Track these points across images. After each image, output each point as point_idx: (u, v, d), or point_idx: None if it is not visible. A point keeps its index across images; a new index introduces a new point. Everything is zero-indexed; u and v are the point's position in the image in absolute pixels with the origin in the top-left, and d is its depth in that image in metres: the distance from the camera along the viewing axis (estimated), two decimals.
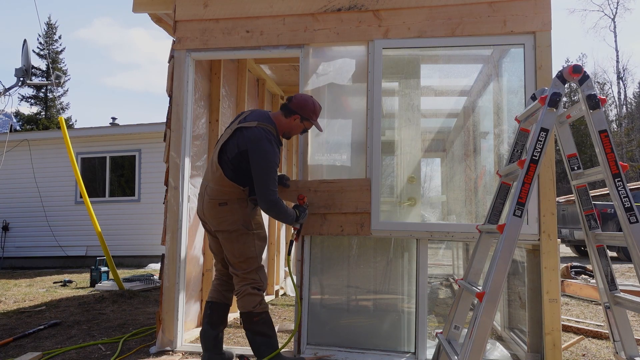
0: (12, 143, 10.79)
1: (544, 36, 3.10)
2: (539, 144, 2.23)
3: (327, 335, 3.34)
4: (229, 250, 2.89)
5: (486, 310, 2.03)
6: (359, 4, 3.34)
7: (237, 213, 2.86)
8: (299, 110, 2.94)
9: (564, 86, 2.32)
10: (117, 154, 10.96)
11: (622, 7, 51.15)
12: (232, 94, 4.72)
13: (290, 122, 2.97)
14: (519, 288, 3.46)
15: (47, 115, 30.88)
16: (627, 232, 2.11)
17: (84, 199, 6.39)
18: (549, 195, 3.02)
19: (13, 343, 3.69)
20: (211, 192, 2.89)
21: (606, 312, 2.43)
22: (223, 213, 2.85)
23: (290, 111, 2.95)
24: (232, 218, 2.85)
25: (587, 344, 3.65)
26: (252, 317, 2.85)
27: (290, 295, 5.99)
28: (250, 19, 3.49)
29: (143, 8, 3.79)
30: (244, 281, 2.88)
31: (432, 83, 4.24)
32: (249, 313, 2.86)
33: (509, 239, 2.12)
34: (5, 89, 7.22)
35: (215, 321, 2.98)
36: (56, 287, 6.95)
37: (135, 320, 4.47)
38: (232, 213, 2.85)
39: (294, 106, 2.94)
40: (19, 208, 11.10)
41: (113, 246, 8.25)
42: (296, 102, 2.95)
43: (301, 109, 2.94)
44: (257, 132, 2.81)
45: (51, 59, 31.30)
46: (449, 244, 6.88)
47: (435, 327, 4.00)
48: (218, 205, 2.85)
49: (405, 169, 3.65)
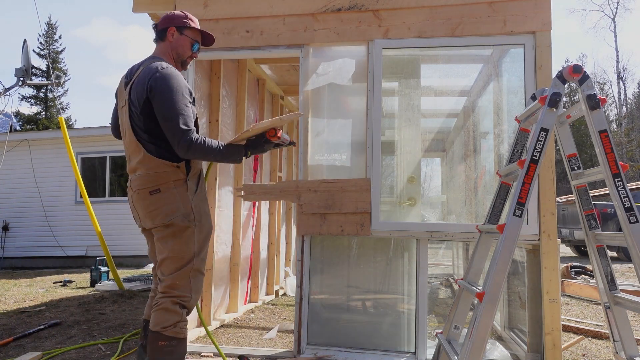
0: (12, 143, 10.79)
1: (544, 36, 3.11)
2: (539, 144, 2.23)
3: (327, 335, 3.34)
4: (160, 250, 2.28)
5: (486, 310, 2.03)
6: (359, 4, 3.34)
7: (174, 201, 2.24)
8: (169, 22, 2.43)
9: (564, 86, 2.32)
10: (117, 154, 10.95)
11: (622, 7, 51.12)
12: (232, 94, 4.72)
13: (171, 42, 2.44)
14: (519, 288, 3.46)
15: (47, 115, 30.89)
16: (627, 232, 2.11)
17: (84, 199, 6.39)
18: (549, 195, 3.02)
19: (13, 343, 3.69)
20: (138, 181, 2.27)
21: (606, 312, 2.43)
22: (156, 203, 2.23)
23: (161, 32, 2.44)
24: (167, 208, 2.23)
25: (587, 344, 3.65)
26: (158, 339, 2.16)
27: (290, 295, 6.00)
28: (250, 19, 3.49)
29: (143, 8, 3.79)
30: (167, 292, 2.23)
31: (432, 83, 4.25)
32: (156, 333, 2.17)
33: (509, 239, 2.12)
34: (5, 89, 7.22)
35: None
36: (56, 287, 6.95)
37: (135, 320, 4.47)
38: (167, 202, 2.23)
39: (162, 24, 2.44)
40: (19, 208, 11.10)
41: (113, 246, 8.24)
42: (162, 19, 2.46)
43: (170, 20, 2.44)
44: (151, 69, 2.24)
45: (51, 59, 31.31)
46: (449, 244, 6.89)
47: (435, 327, 4.00)
48: (149, 195, 2.24)
49: (405, 169, 3.66)
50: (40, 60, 30.70)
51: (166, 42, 2.45)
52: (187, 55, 2.50)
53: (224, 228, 4.62)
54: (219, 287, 4.45)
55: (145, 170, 2.26)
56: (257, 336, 3.88)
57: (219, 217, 4.37)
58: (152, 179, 2.25)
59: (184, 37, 2.45)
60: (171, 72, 2.24)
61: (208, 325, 4.12)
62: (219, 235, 4.42)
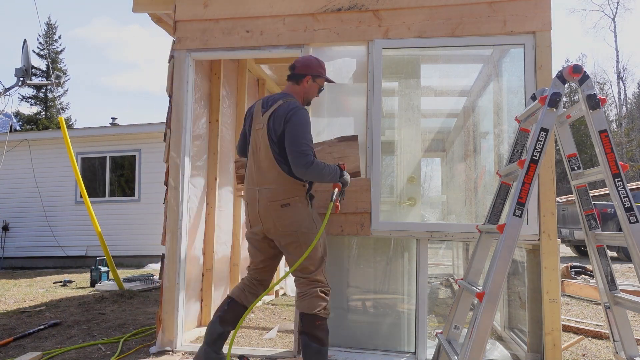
0: (12, 143, 10.78)
1: (544, 36, 3.11)
2: (539, 144, 2.23)
3: None
4: (296, 255, 2.68)
5: (486, 310, 2.03)
6: (359, 4, 3.34)
7: (302, 212, 2.68)
8: (307, 70, 2.85)
9: (564, 86, 2.32)
10: (117, 154, 10.96)
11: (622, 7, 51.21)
12: (232, 94, 4.72)
13: (304, 87, 2.87)
14: (519, 288, 3.46)
15: (47, 115, 30.88)
16: (627, 232, 2.11)
17: (84, 199, 6.39)
18: (549, 195, 3.02)
19: (13, 343, 3.69)
20: (270, 194, 2.66)
21: (606, 312, 2.43)
22: (286, 215, 2.65)
23: (299, 76, 2.85)
24: (297, 219, 2.66)
25: (587, 344, 3.65)
26: (315, 320, 2.64)
27: (290, 295, 6.00)
28: (250, 19, 3.49)
29: (143, 8, 3.79)
30: (312, 285, 2.70)
31: (432, 83, 4.25)
32: (313, 315, 2.64)
33: (509, 239, 2.12)
34: (5, 89, 7.22)
35: (227, 319, 2.80)
36: (56, 287, 6.95)
37: (135, 320, 4.47)
38: (297, 213, 2.66)
39: (300, 70, 2.85)
40: (19, 208, 11.10)
41: (113, 246, 8.25)
42: (300, 65, 2.86)
43: (308, 68, 2.85)
44: (289, 105, 2.69)
45: (51, 59, 31.29)
46: (449, 244, 6.89)
47: (435, 327, 4.00)
48: (280, 208, 2.65)
49: (405, 169, 3.66)
50: (40, 60, 30.72)
51: (300, 86, 2.87)
52: (312, 98, 2.96)
53: (224, 228, 4.62)
54: (219, 287, 4.45)
55: (277, 185, 2.67)
56: (257, 336, 3.88)
57: (219, 217, 4.38)
58: (283, 194, 2.66)
59: (315, 84, 2.90)
60: (304, 112, 2.70)
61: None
62: (219, 235, 4.43)
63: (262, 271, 2.90)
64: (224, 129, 4.50)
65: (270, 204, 2.66)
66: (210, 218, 4.24)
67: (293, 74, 2.88)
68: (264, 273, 2.91)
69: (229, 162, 4.71)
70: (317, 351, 2.62)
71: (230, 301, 2.84)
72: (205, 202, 4.22)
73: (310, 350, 2.62)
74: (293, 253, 2.70)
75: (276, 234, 2.71)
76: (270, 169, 2.68)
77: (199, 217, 4.08)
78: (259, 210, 2.70)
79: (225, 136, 4.55)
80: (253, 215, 2.75)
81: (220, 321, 2.79)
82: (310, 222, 2.71)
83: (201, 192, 4.13)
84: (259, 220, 2.72)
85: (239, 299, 2.84)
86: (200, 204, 4.09)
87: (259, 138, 2.73)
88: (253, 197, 2.74)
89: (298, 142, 2.60)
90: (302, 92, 2.88)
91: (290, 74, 2.90)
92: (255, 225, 2.77)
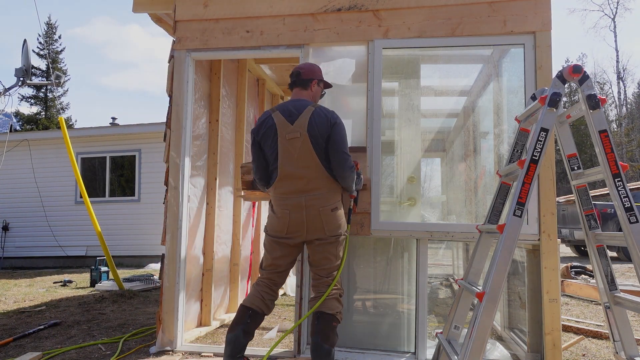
0: (12, 143, 10.79)
1: (544, 36, 3.11)
2: (539, 144, 2.23)
3: None
4: (332, 254, 2.75)
5: (486, 310, 2.03)
6: (359, 4, 3.34)
7: (343, 216, 2.79)
8: (313, 74, 2.92)
9: (564, 86, 2.32)
10: (117, 154, 10.96)
11: (622, 7, 50.87)
12: (232, 94, 4.72)
13: (312, 91, 2.92)
14: (519, 288, 3.46)
15: (47, 115, 30.88)
16: (627, 232, 2.11)
17: (84, 199, 6.39)
18: (549, 195, 3.02)
19: (13, 343, 3.69)
20: (320, 200, 2.68)
21: (606, 312, 2.43)
22: (335, 218, 2.71)
23: (307, 81, 2.90)
24: (341, 222, 2.76)
25: (587, 344, 3.65)
26: (332, 321, 2.68)
27: (290, 295, 5.99)
28: (250, 19, 3.49)
29: (143, 8, 3.79)
30: (336, 286, 2.77)
31: (432, 83, 4.24)
32: (332, 316, 2.69)
33: (509, 239, 2.12)
34: (5, 89, 7.22)
35: (250, 330, 2.72)
36: (56, 287, 6.95)
37: (135, 320, 4.47)
38: (341, 216, 2.77)
39: (307, 75, 2.91)
40: (19, 208, 11.10)
41: (113, 246, 8.25)
42: (305, 70, 2.92)
43: (313, 72, 2.93)
44: (323, 110, 2.75)
45: (51, 59, 31.28)
46: (449, 244, 6.88)
47: (435, 327, 4.00)
48: (331, 212, 2.69)
49: (405, 169, 3.65)
50: (40, 60, 30.72)
51: (309, 90, 2.92)
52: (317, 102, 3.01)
53: (224, 228, 4.62)
54: (219, 287, 4.45)
55: (327, 190, 2.72)
56: (257, 336, 3.88)
57: (219, 217, 4.38)
58: (333, 197, 2.74)
59: (320, 88, 2.98)
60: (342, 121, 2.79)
61: (208, 325, 4.13)
62: (219, 235, 4.43)
63: (279, 275, 2.86)
64: (224, 129, 4.50)
65: (323, 209, 2.69)
66: (210, 218, 4.24)
67: (300, 79, 2.90)
68: (281, 277, 2.88)
69: (229, 162, 4.71)
70: (327, 352, 2.59)
71: (253, 313, 2.75)
72: (205, 202, 4.22)
73: (322, 351, 2.58)
74: (332, 252, 2.75)
75: (322, 236, 2.70)
76: (319, 175, 2.69)
77: (199, 217, 4.08)
78: (307, 216, 2.68)
79: (225, 136, 4.55)
80: (297, 222, 2.70)
81: (244, 334, 2.70)
82: (345, 224, 2.83)
83: (201, 192, 4.13)
84: (304, 226, 2.69)
85: (261, 309, 2.77)
86: (200, 204, 4.09)
87: (296, 147, 2.69)
88: (299, 205, 2.69)
89: (344, 145, 2.71)
90: (312, 96, 2.92)
91: (296, 80, 2.92)
92: (296, 231, 2.72)
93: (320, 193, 2.69)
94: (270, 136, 2.76)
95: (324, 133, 2.69)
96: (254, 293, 2.82)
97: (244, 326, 2.70)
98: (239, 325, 2.70)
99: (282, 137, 2.72)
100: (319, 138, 2.69)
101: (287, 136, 2.71)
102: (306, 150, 2.68)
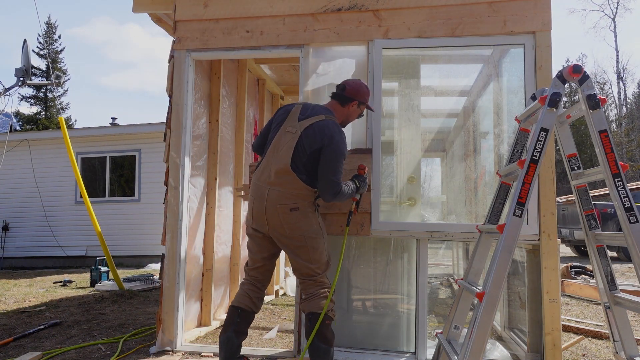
0: (12, 143, 10.79)
1: (544, 36, 3.10)
2: (539, 144, 2.23)
3: None
4: (303, 259, 2.73)
5: (486, 310, 2.03)
6: (359, 4, 3.34)
7: (310, 218, 2.72)
8: (356, 96, 2.88)
9: (564, 86, 2.32)
10: (117, 154, 10.96)
11: (622, 7, 50.99)
12: (232, 94, 4.72)
13: (348, 110, 2.90)
14: (519, 288, 3.46)
15: (47, 115, 30.88)
16: (627, 232, 2.11)
17: (84, 199, 6.39)
18: (549, 195, 3.02)
19: (13, 343, 3.69)
20: (279, 197, 2.67)
21: (606, 312, 2.43)
22: (296, 219, 2.67)
23: (347, 99, 2.87)
24: (305, 223, 2.69)
25: (587, 344, 3.65)
26: (325, 319, 2.67)
27: (290, 295, 6.00)
28: (250, 19, 3.49)
29: (143, 8, 3.79)
30: (319, 286, 2.75)
31: (432, 83, 4.24)
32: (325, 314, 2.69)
33: (509, 239, 2.12)
34: (5, 89, 7.22)
35: (242, 330, 2.76)
36: (56, 287, 6.95)
37: (135, 320, 4.47)
38: (306, 218, 2.69)
39: (350, 93, 2.87)
40: (19, 208, 11.10)
41: (113, 246, 8.25)
42: (351, 88, 2.87)
43: (358, 93, 2.88)
44: (330, 125, 2.71)
45: (51, 59, 31.29)
46: (449, 244, 6.88)
47: (435, 327, 4.00)
48: (289, 211, 2.66)
49: (405, 169, 3.65)
50: (40, 60, 30.72)
51: (345, 108, 2.89)
52: (350, 121, 2.99)
53: (224, 228, 4.62)
54: (219, 287, 4.45)
55: (288, 189, 2.68)
56: (257, 336, 3.88)
57: (219, 217, 4.38)
58: (293, 198, 2.68)
59: (358, 110, 2.94)
60: (344, 137, 2.74)
61: (208, 325, 4.13)
62: (219, 235, 4.43)
63: (261, 270, 2.88)
64: (224, 129, 4.50)
65: (280, 207, 2.67)
66: (210, 218, 4.24)
67: (341, 94, 2.88)
68: (263, 273, 2.90)
69: (229, 162, 4.71)
70: (325, 352, 2.61)
71: (242, 312, 2.78)
72: (205, 202, 4.22)
73: (319, 350, 2.61)
74: (301, 256, 2.73)
75: (283, 236, 2.71)
76: (286, 173, 2.67)
77: (199, 217, 4.08)
78: (266, 209, 2.69)
79: (225, 136, 4.55)
80: (258, 212, 2.74)
81: (237, 335, 2.73)
82: (317, 227, 2.75)
83: (201, 192, 4.13)
84: (264, 218, 2.71)
85: (249, 307, 2.80)
86: (200, 204, 4.09)
87: (285, 140, 2.72)
88: (262, 195, 2.72)
89: (335, 171, 2.65)
90: (345, 114, 2.91)
91: (338, 93, 2.90)
92: (258, 221, 2.75)
93: (283, 190, 2.67)
94: (278, 121, 2.84)
95: (313, 144, 2.68)
96: (240, 292, 2.86)
97: (234, 326, 2.73)
98: (230, 326, 2.74)
99: (284, 126, 2.78)
100: (307, 145, 2.68)
101: (287, 128, 2.76)
102: (289, 147, 2.70)
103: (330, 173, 2.65)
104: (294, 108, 2.83)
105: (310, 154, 2.68)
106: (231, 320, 2.75)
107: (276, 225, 2.69)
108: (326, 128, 2.70)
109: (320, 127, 2.70)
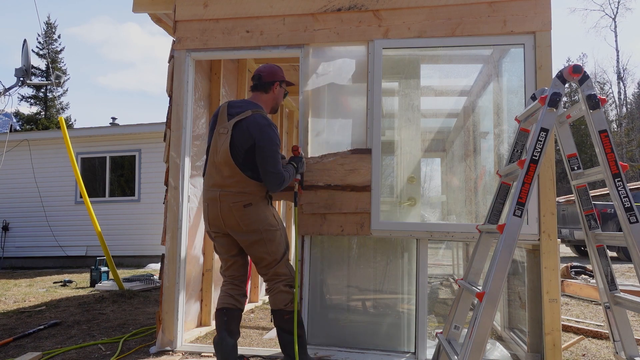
0: (12, 143, 10.79)
1: (544, 36, 3.10)
2: (539, 144, 2.23)
3: (327, 335, 3.34)
4: (260, 252, 2.81)
5: (486, 310, 2.03)
6: (359, 4, 3.34)
7: (265, 211, 2.81)
8: (275, 77, 2.98)
9: (564, 86, 2.32)
10: (117, 154, 10.96)
11: (623, 7, 50.82)
12: (232, 94, 4.72)
13: (274, 93, 3.00)
14: (519, 288, 3.46)
15: (47, 115, 30.87)
16: (627, 232, 2.11)
17: (84, 199, 6.39)
18: (549, 195, 3.02)
19: (13, 343, 3.69)
20: (232, 196, 2.75)
21: (606, 312, 2.43)
22: (250, 215, 2.75)
23: (268, 84, 2.97)
24: (259, 218, 2.77)
25: (587, 344, 3.65)
26: (282, 314, 2.82)
27: None
28: (250, 19, 3.49)
29: (143, 8, 3.79)
30: (276, 278, 2.85)
31: (432, 83, 4.24)
32: (280, 311, 2.83)
33: (509, 239, 2.12)
34: (5, 89, 7.22)
35: (233, 329, 2.82)
36: (56, 287, 6.95)
37: (135, 320, 4.47)
38: (259, 213, 2.78)
39: (268, 77, 2.97)
40: (19, 208, 11.10)
41: (113, 246, 8.25)
42: (267, 73, 2.97)
43: (275, 74, 2.99)
44: (258, 119, 2.78)
45: (51, 59, 31.27)
46: (449, 244, 6.88)
47: (435, 327, 4.00)
48: (243, 208, 2.75)
49: (405, 169, 3.65)
50: (40, 60, 30.70)
51: (270, 94, 2.98)
52: (280, 103, 3.07)
53: None
54: (219, 287, 4.44)
55: (240, 188, 2.76)
56: (257, 336, 3.88)
57: None
58: (245, 195, 2.76)
59: (282, 89, 3.04)
60: (273, 127, 2.80)
61: (208, 325, 4.12)
62: None
63: (234, 267, 2.94)
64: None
65: (234, 205, 2.75)
66: None
67: (262, 83, 2.96)
68: (237, 269, 2.95)
69: None
70: (290, 341, 2.78)
71: (227, 311, 2.85)
72: None
73: (284, 339, 2.82)
74: (259, 250, 2.81)
75: (240, 232, 2.79)
76: (232, 174, 2.75)
77: (199, 217, 4.08)
78: (221, 211, 2.77)
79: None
80: (213, 215, 2.82)
81: (229, 334, 2.78)
82: (272, 219, 2.84)
83: (201, 192, 4.13)
84: (220, 220, 2.79)
85: (233, 305, 2.87)
86: (200, 204, 4.09)
87: (220, 142, 2.80)
88: (214, 198, 2.80)
89: (274, 162, 2.74)
90: (272, 99, 3.00)
91: (257, 83, 2.98)
92: (214, 224, 2.84)
93: (232, 190, 2.76)
94: (213, 124, 2.91)
95: (245, 142, 2.75)
96: (221, 294, 2.93)
97: (225, 326, 2.81)
98: (220, 327, 2.81)
99: (217, 129, 2.85)
100: (239, 143, 2.75)
101: (219, 130, 2.83)
102: (225, 148, 2.76)
103: (269, 166, 2.74)
104: (222, 108, 2.90)
105: (246, 152, 2.76)
106: (220, 322, 2.83)
107: (233, 224, 2.77)
108: (254, 123, 2.77)
109: (248, 124, 2.77)
